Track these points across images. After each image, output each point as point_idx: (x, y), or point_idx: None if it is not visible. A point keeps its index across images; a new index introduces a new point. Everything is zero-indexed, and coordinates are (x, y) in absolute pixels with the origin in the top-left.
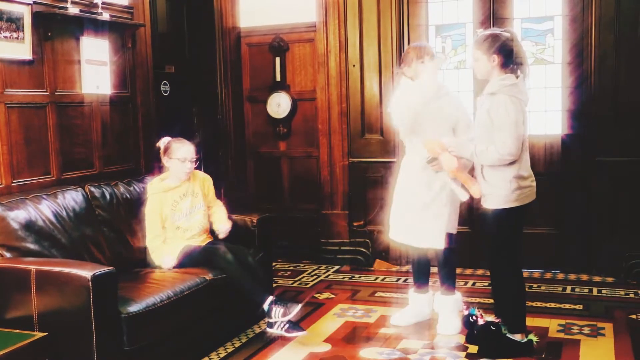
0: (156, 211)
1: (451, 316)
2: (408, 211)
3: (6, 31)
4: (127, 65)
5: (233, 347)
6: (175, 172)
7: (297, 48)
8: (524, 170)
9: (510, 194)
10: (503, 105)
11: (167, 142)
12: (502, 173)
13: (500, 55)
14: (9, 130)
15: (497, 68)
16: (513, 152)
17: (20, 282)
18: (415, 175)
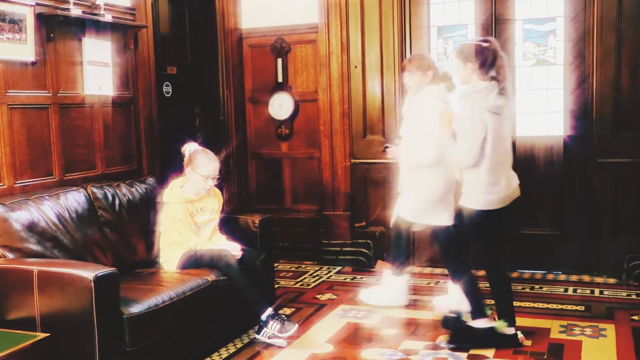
0: (176, 219)
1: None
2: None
3: (9, 32)
4: (129, 67)
5: (235, 347)
6: (195, 186)
7: (298, 49)
8: (495, 176)
9: (478, 196)
10: (462, 115)
11: (194, 151)
12: (471, 175)
13: (476, 63)
14: (12, 131)
15: (475, 75)
16: (467, 159)
17: (22, 283)
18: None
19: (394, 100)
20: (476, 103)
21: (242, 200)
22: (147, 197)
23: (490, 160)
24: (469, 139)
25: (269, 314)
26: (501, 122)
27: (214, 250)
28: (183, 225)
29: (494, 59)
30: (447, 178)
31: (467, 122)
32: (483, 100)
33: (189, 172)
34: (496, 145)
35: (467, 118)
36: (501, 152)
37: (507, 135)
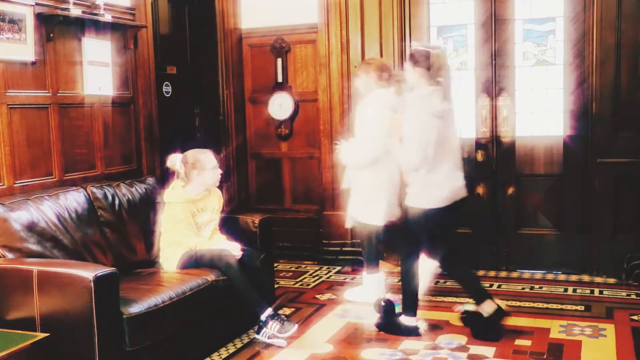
0: (178, 219)
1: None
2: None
3: (8, 32)
4: (129, 67)
5: (235, 347)
6: (208, 183)
7: (298, 49)
8: (439, 176)
9: (414, 193)
10: (409, 118)
11: (189, 156)
12: (416, 175)
13: (423, 68)
14: (11, 131)
15: (423, 80)
16: (413, 161)
17: (22, 283)
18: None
19: None
20: (422, 107)
21: (242, 200)
22: (147, 197)
23: (435, 161)
24: (415, 142)
25: (268, 314)
26: (445, 125)
27: (214, 250)
28: (184, 226)
29: (440, 65)
30: (388, 179)
31: (413, 126)
32: (428, 104)
33: (198, 174)
34: (440, 147)
35: (413, 122)
36: (445, 153)
37: (452, 138)
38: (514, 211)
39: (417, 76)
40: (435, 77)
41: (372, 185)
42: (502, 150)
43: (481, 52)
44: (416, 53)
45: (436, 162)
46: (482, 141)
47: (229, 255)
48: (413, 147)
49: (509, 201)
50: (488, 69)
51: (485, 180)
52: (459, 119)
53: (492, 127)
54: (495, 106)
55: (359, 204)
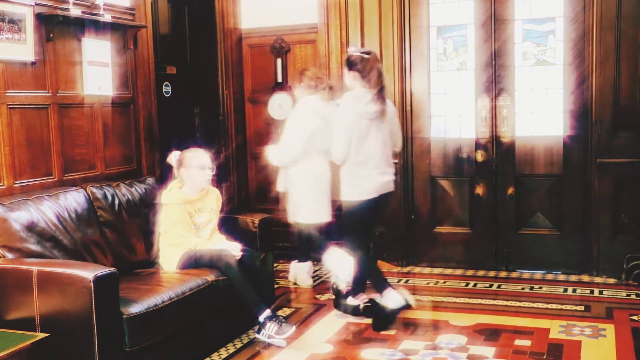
0: (176, 220)
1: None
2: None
3: (8, 32)
4: (129, 67)
5: (235, 347)
6: (195, 182)
7: (298, 49)
8: (364, 171)
9: (344, 188)
10: (337, 117)
11: (180, 154)
12: (344, 171)
13: (356, 71)
14: (11, 131)
15: (357, 82)
16: (338, 156)
17: (22, 283)
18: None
19: (393, 100)
20: (350, 108)
21: (242, 200)
22: (146, 197)
23: (362, 157)
24: (339, 137)
25: (266, 315)
26: (375, 124)
27: (213, 250)
28: (182, 227)
29: (371, 69)
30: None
31: (339, 123)
32: (355, 105)
33: (184, 173)
34: (367, 144)
35: (340, 120)
36: (373, 150)
37: (381, 137)
38: (514, 211)
39: (351, 79)
40: (366, 80)
41: (303, 185)
42: (502, 150)
43: (481, 52)
44: (350, 57)
45: (363, 158)
46: (482, 141)
47: (228, 255)
48: (338, 142)
49: (508, 201)
50: (488, 69)
51: (485, 180)
52: (459, 119)
53: (492, 127)
54: (495, 106)
55: (293, 204)
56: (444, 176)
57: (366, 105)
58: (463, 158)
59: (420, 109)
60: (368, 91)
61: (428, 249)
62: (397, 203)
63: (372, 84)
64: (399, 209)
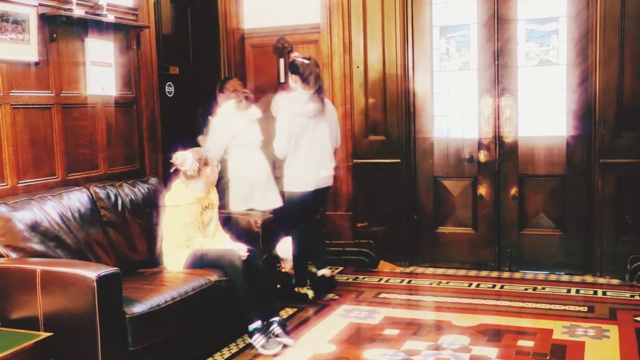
0: (186, 221)
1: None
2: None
3: (12, 33)
4: (132, 67)
5: (237, 347)
6: (212, 180)
7: (301, 49)
8: (298, 164)
9: (285, 180)
10: (279, 116)
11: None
12: (286, 164)
13: (297, 75)
14: (15, 131)
15: (298, 85)
16: (279, 152)
17: (25, 283)
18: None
19: (396, 100)
20: (289, 107)
21: None
22: (149, 197)
23: (302, 152)
24: (280, 135)
25: (256, 326)
26: (314, 122)
27: (219, 249)
28: (191, 228)
29: (310, 72)
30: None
31: (280, 122)
32: (294, 105)
33: (209, 171)
34: (307, 140)
35: (281, 119)
36: (312, 146)
37: (320, 134)
38: (517, 212)
39: (293, 82)
40: (307, 83)
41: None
42: (504, 150)
43: (484, 52)
44: (293, 62)
45: (303, 153)
46: (485, 141)
47: (234, 255)
48: (278, 139)
49: (511, 201)
50: (491, 69)
51: (488, 180)
52: (462, 120)
53: (495, 128)
54: (498, 106)
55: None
56: (446, 176)
57: (304, 104)
58: (466, 158)
59: (422, 109)
60: (305, 92)
61: (431, 249)
62: (399, 203)
63: (311, 86)
64: (402, 209)
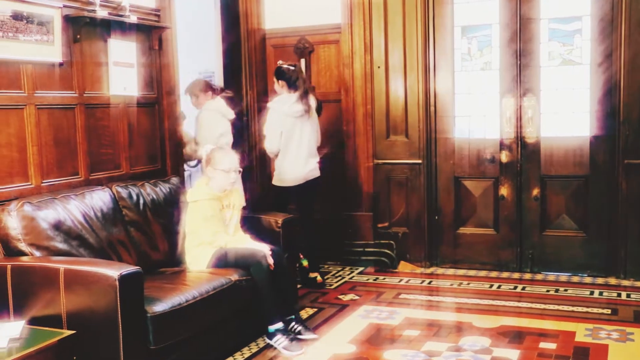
0: (207, 215)
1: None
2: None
3: (37, 34)
4: (154, 67)
5: (257, 347)
6: (219, 183)
7: (321, 49)
8: (287, 162)
9: (275, 175)
10: (268, 117)
11: (210, 151)
12: (277, 161)
13: (284, 80)
14: (39, 131)
15: (284, 89)
16: (269, 149)
17: (49, 281)
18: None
19: (417, 100)
20: (278, 109)
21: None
22: (171, 197)
23: (290, 149)
24: (271, 134)
25: (278, 327)
26: (299, 122)
27: (244, 249)
28: (215, 222)
29: (297, 78)
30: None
31: (269, 122)
32: (282, 106)
33: (210, 172)
34: (294, 138)
35: (271, 120)
36: (299, 144)
37: (307, 133)
38: (539, 212)
39: (280, 87)
40: (292, 87)
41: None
42: (526, 151)
43: (506, 52)
44: (279, 70)
45: (291, 150)
46: (507, 142)
47: (261, 256)
48: (269, 138)
49: (533, 202)
50: (513, 69)
51: (510, 181)
52: (483, 120)
53: (517, 128)
54: (520, 106)
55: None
56: (468, 177)
57: (291, 106)
58: (487, 159)
59: (444, 110)
60: (293, 95)
61: (451, 250)
62: (420, 203)
63: (297, 89)
64: (423, 209)
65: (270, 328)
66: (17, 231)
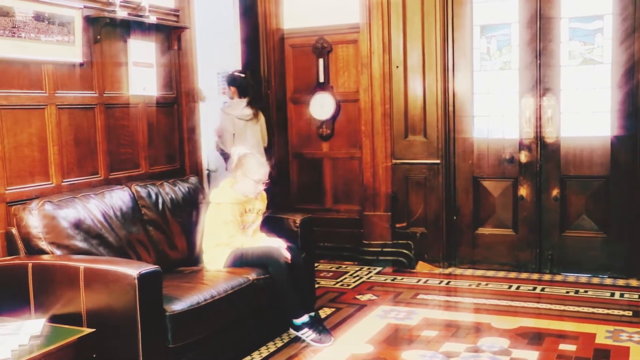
0: (227, 219)
1: None
2: None
3: (58, 35)
4: (173, 67)
5: (275, 346)
6: (245, 190)
7: (340, 49)
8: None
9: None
10: (220, 120)
11: (243, 155)
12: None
13: (235, 88)
14: (60, 131)
15: (235, 95)
16: (223, 149)
17: (69, 279)
18: None
19: (435, 100)
20: (230, 112)
21: (283, 199)
22: (189, 196)
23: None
24: (224, 135)
25: (304, 320)
26: (249, 125)
27: (261, 247)
28: (233, 226)
29: (246, 85)
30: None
31: (224, 125)
32: (233, 111)
33: (239, 176)
34: (244, 140)
35: (224, 122)
36: (249, 145)
37: (255, 134)
38: (559, 213)
39: (232, 93)
40: (243, 93)
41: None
42: (546, 151)
43: (525, 51)
44: (230, 77)
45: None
46: (526, 142)
47: (279, 254)
48: (222, 139)
49: (553, 203)
50: (532, 68)
51: (529, 181)
52: (502, 120)
53: (536, 128)
54: (539, 106)
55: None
56: (486, 177)
57: (242, 110)
58: (506, 159)
59: (463, 109)
60: (243, 100)
61: (470, 251)
62: (438, 204)
63: (247, 95)
64: (441, 209)
65: (295, 322)
66: (38, 230)
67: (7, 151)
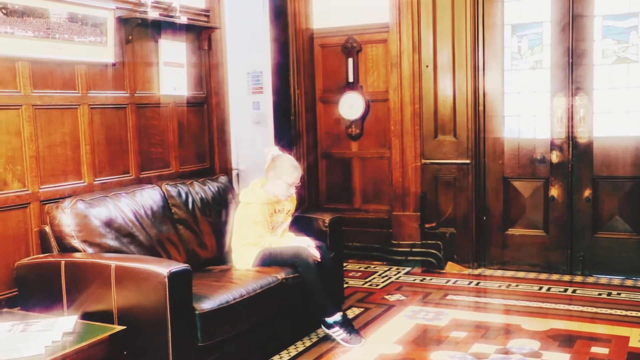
0: (256, 220)
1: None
2: None
3: (91, 35)
4: (203, 67)
5: (304, 345)
6: (277, 191)
7: (369, 49)
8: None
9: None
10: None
11: (278, 156)
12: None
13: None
14: (92, 130)
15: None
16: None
17: (101, 277)
18: None
19: (465, 100)
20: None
21: (312, 199)
22: (219, 196)
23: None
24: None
25: (336, 319)
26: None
27: (290, 247)
28: (262, 226)
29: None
30: None
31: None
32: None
33: (272, 177)
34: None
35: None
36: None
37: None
38: (591, 214)
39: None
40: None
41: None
42: (578, 151)
43: (557, 50)
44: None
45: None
46: (557, 142)
47: (309, 255)
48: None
49: (585, 204)
50: (564, 67)
51: (560, 182)
52: (533, 119)
53: (568, 128)
54: (571, 106)
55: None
56: (517, 177)
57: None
58: (537, 159)
59: (493, 109)
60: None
61: (500, 251)
62: (468, 204)
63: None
64: (471, 210)
65: (328, 320)
66: (70, 228)
67: (41, 150)
